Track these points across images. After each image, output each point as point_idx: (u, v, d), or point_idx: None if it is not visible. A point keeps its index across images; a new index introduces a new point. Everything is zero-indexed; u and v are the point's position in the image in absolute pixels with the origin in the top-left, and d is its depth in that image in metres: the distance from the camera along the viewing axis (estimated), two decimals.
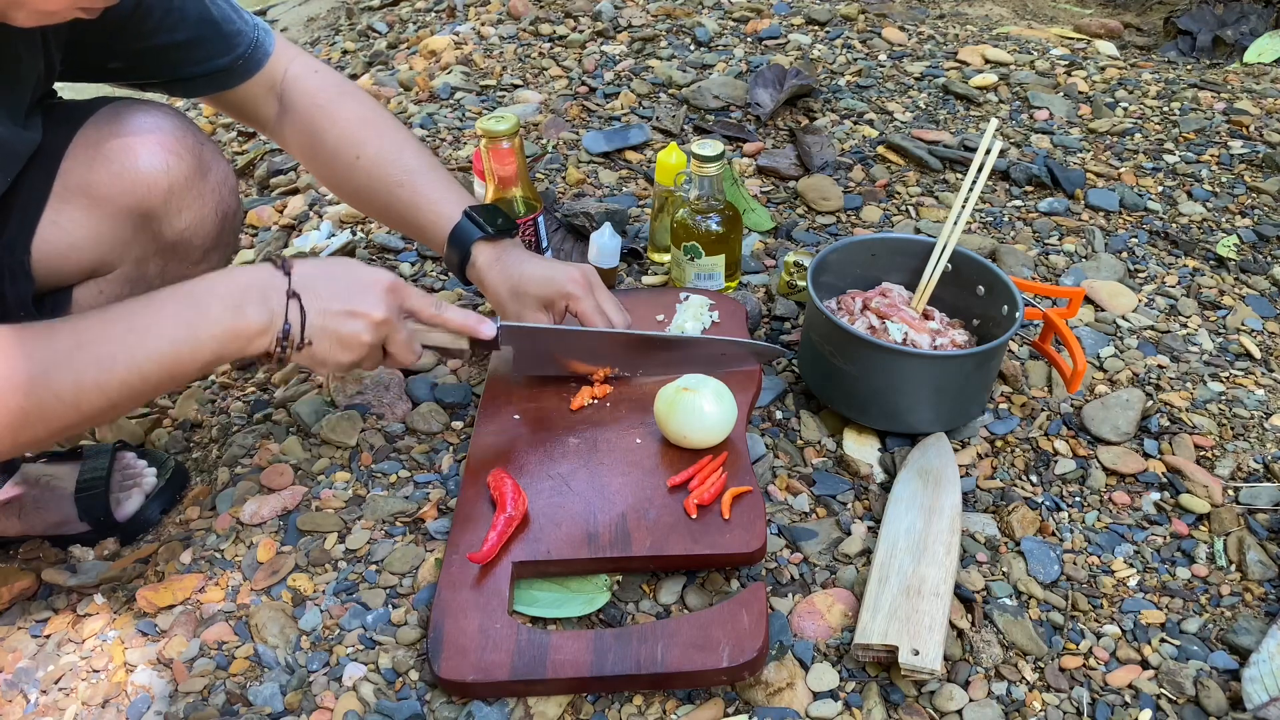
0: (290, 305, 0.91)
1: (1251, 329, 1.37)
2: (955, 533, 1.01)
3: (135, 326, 0.85)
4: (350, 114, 1.13)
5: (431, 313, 1.02)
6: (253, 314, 0.89)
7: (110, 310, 0.88)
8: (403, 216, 1.14)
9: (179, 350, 0.86)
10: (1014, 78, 2.00)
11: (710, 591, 0.98)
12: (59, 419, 0.82)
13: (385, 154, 1.12)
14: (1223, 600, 0.99)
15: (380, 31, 2.54)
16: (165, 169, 0.96)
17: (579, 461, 1.06)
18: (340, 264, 0.98)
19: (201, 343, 0.87)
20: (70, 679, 0.95)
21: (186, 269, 1.04)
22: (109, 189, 0.95)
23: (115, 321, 0.85)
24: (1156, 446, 1.16)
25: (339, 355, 0.95)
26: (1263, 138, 1.80)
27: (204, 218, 1.00)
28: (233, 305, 0.88)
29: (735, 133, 1.82)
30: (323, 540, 1.05)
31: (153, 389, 0.87)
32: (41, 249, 0.94)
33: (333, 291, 0.94)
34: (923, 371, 1.10)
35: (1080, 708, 0.89)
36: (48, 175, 0.95)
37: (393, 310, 0.96)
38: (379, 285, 0.96)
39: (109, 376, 0.83)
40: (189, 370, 0.88)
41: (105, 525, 1.12)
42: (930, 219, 1.58)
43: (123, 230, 0.97)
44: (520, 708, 0.87)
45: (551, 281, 1.12)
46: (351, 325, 0.94)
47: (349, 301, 0.94)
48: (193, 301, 0.88)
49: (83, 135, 0.96)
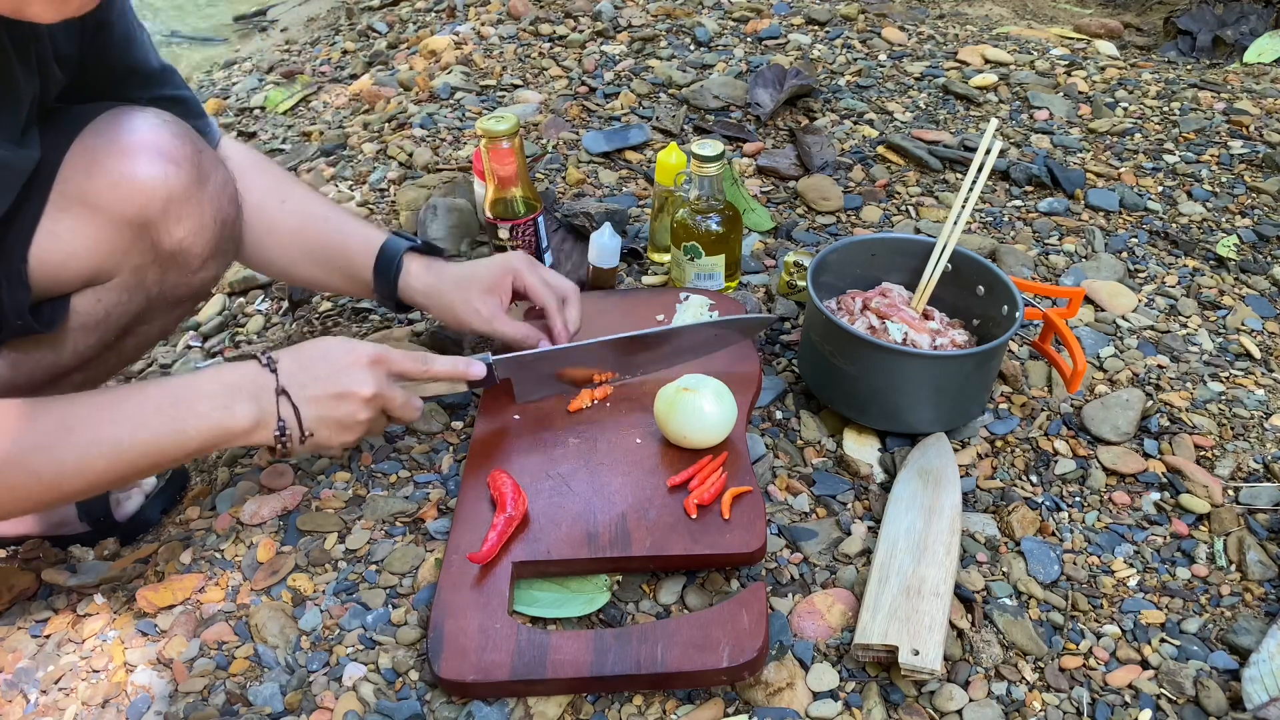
0: (280, 402, 0.94)
1: (1251, 329, 1.37)
2: (955, 533, 1.01)
3: (122, 416, 0.88)
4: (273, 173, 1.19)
5: (420, 369, 1.04)
6: (241, 413, 0.92)
7: (100, 395, 0.91)
8: (328, 249, 1.16)
9: (162, 443, 0.89)
10: (1014, 78, 2.00)
11: (710, 591, 0.98)
12: (36, 497, 0.86)
13: (308, 198, 1.18)
14: (1223, 600, 0.99)
15: (380, 31, 2.54)
16: (163, 177, 0.96)
17: (579, 461, 1.06)
18: (320, 347, 0.99)
19: (188, 437, 0.90)
20: (70, 679, 0.95)
21: (186, 277, 1.03)
22: (107, 197, 0.94)
23: (103, 408, 0.88)
24: (1156, 446, 1.16)
25: (341, 437, 0.99)
26: (1263, 138, 1.80)
27: (203, 226, 1.00)
28: (221, 405, 0.91)
29: (735, 133, 1.82)
30: (323, 540, 1.05)
31: (137, 474, 0.90)
32: (39, 257, 0.93)
33: (318, 380, 0.96)
34: (923, 371, 1.11)
35: (1080, 708, 0.89)
36: (45, 183, 0.94)
37: (381, 382, 0.99)
38: (361, 362, 0.98)
39: (91, 462, 0.86)
40: (174, 459, 0.91)
41: (105, 525, 1.12)
42: (930, 219, 1.58)
43: (120, 239, 0.96)
44: (520, 708, 0.87)
45: (494, 264, 1.16)
46: (344, 408, 0.97)
47: (336, 385, 0.96)
48: (181, 397, 0.90)
49: (80, 143, 0.95)
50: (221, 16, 3.55)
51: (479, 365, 1.07)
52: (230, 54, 3.05)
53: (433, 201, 1.56)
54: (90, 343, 1.00)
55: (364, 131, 1.93)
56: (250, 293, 1.62)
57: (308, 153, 1.91)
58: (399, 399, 1.01)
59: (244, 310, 1.59)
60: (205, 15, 3.61)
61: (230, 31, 3.42)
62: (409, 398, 1.03)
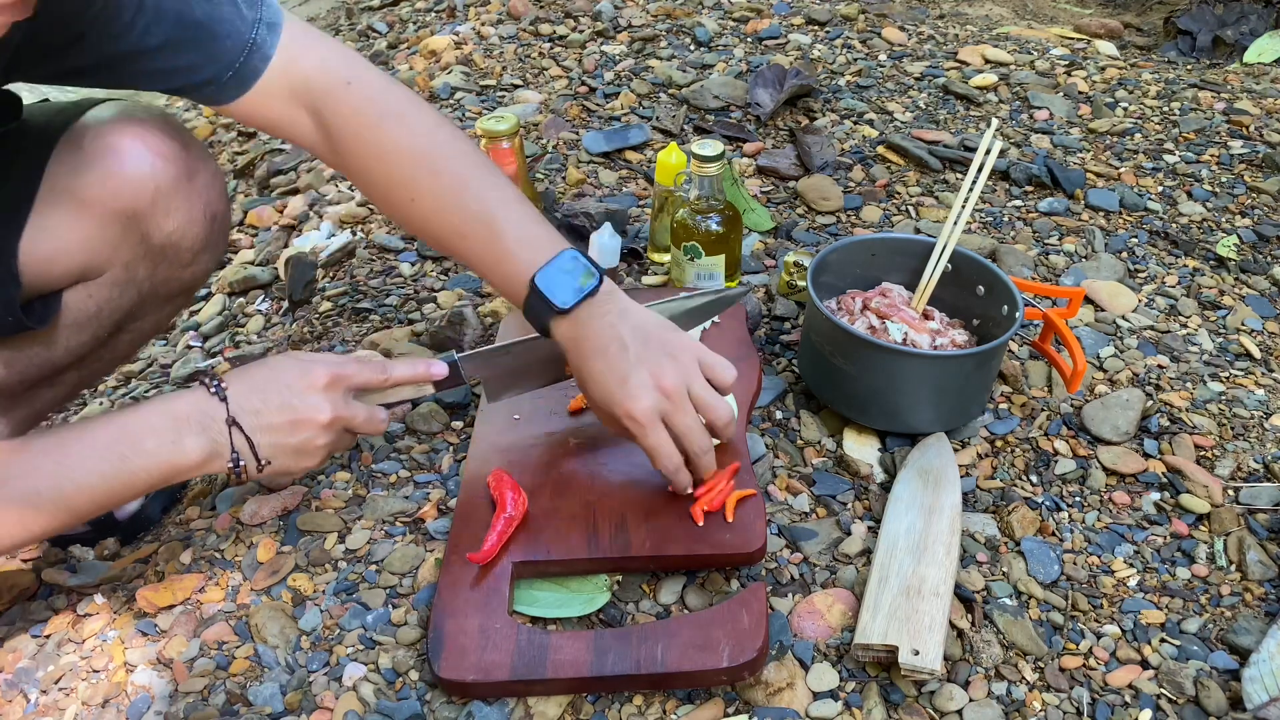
0: (233, 434, 0.88)
1: (1251, 329, 1.37)
2: (955, 533, 1.01)
3: (64, 460, 0.84)
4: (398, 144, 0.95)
5: (380, 379, 0.98)
6: (191, 446, 0.87)
7: (42, 440, 0.87)
8: (475, 270, 1.01)
9: (109, 484, 0.85)
10: (1014, 78, 2.00)
11: (710, 591, 0.98)
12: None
13: (443, 197, 0.96)
14: (1223, 600, 0.99)
15: (380, 31, 2.54)
16: (151, 171, 0.96)
17: (579, 462, 1.06)
18: (271, 370, 0.92)
19: (135, 475, 0.85)
20: (70, 679, 0.95)
21: (177, 272, 1.03)
22: (96, 191, 0.94)
23: (44, 454, 0.85)
24: (1156, 446, 1.16)
25: (301, 463, 0.94)
26: (1263, 138, 1.80)
27: (192, 219, 1.00)
28: (170, 440, 0.86)
29: (735, 133, 1.82)
30: (323, 540, 1.05)
31: (80, 519, 0.87)
32: (29, 252, 0.93)
33: (271, 407, 0.90)
34: (923, 371, 1.11)
35: (1080, 708, 0.89)
36: (33, 178, 0.94)
37: (337, 405, 0.93)
38: (316, 385, 0.91)
39: (33, 513, 0.83)
40: (121, 499, 0.88)
41: (105, 524, 1.12)
42: (930, 219, 1.58)
43: (110, 233, 0.96)
44: (520, 708, 0.87)
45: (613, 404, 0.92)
46: (301, 435, 0.91)
47: (290, 413, 0.90)
48: (126, 435, 0.86)
49: (68, 138, 0.95)
50: None
51: (440, 365, 1.01)
52: None
53: None
54: (83, 339, 1.00)
55: None
56: (250, 293, 1.62)
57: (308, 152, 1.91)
58: (360, 416, 0.95)
59: (244, 310, 1.59)
60: None
61: None
62: (371, 413, 0.97)
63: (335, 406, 0.93)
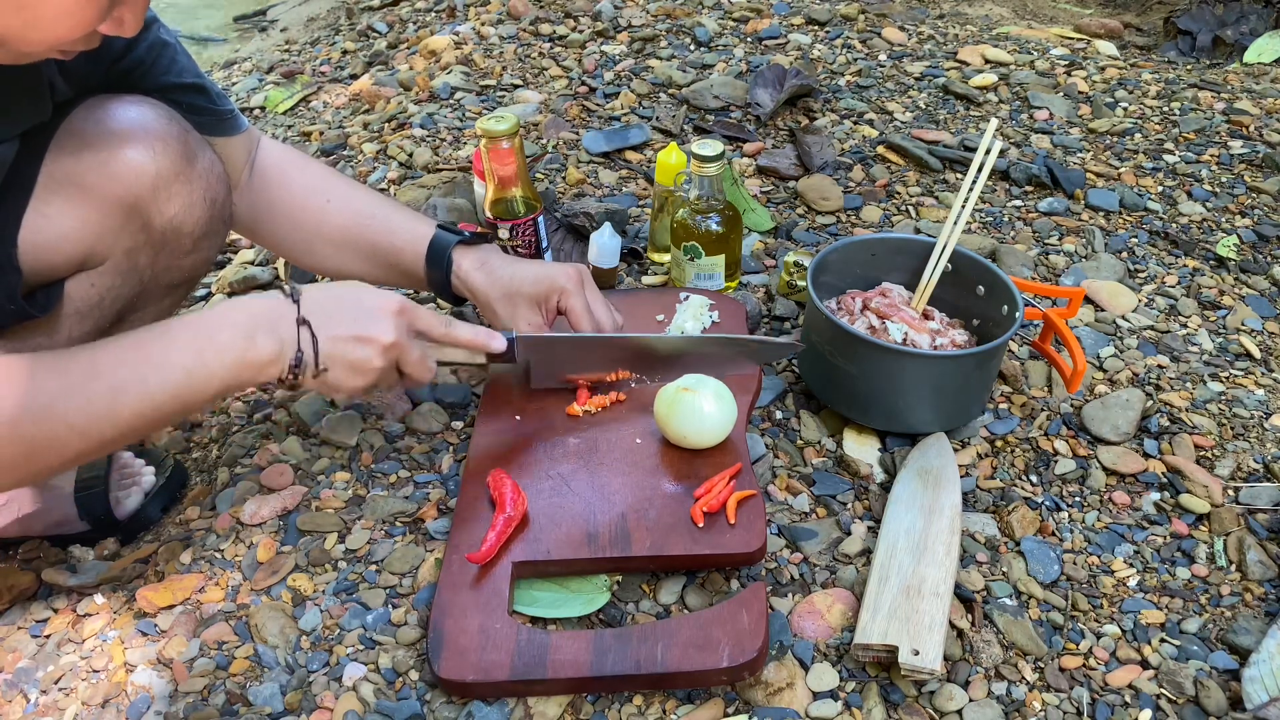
0: (301, 333, 0.92)
1: (1251, 329, 1.37)
2: (955, 533, 1.01)
3: (147, 356, 0.87)
4: (314, 169, 1.19)
5: (442, 331, 1.03)
6: (263, 343, 0.91)
7: (124, 339, 0.89)
8: (377, 247, 1.16)
9: (191, 379, 0.88)
10: (1014, 78, 2.00)
11: (710, 591, 0.98)
12: (70, 448, 0.84)
13: (352, 196, 1.17)
14: (1223, 600, 0.99)
15: (380, 31, 2.54)
16: (151, 156, 0.96)
17: (579, 462, 1.06)
18: (348, 289, 0.99)
19: (213, 371, 0.88)
20: (70, 679, 0.95)
21: (178, 259, 1.03)
22: (95, 178, 0.95)
23: (128, 349, 0.87)
24: (1156, 446, 1.16)
25: (352, 380, 0.97)
26: (1263, 138, 1.80)
27: (192, 204, 1.00)
28: (243, 335, 0.90)
29: (735, 133, 1.82)
30: (323, 540, 1.05)
31: (164, 418, 0.89)
32: (29, 239, 0.93)
33: (341, 318, 0.95)
34: (923, 371, 1.11)
35: (1080, 708, 0.89)
36: (33, 167, 0.94)
37: (402, 333, 0.98)
38: (387, 309, 0.97)
39: (121, 406, 0.85)
40: (200, 399, 0.90)
41: (105, 523, 1.12)
42: (930, 219, 1.58)
43: (111, 220, 0.96)
44: (520, 708, 0.87)
45: (544, 278, 1.14)
46: (362, 350, 0.95)
47: (358, 327, 0.95)
48: (204, 330, 0.89)
49: (67, 126, 0.96)
50: (223, 17, 3.56)
51: (500, 339, 1.06)
52: (230, 54, 3.05)
53: (433, 201, 1.56)
54: (85, 329, 1.00)
55: (364, 131, 1.93)
56: (250, 293, 1.62)
57: (308, 153, 1.91)
58: (415, 354, 1.00)
59: None
60: (205, 16, 3.61)
61: (230, 32, 3.42)
62: (425, 355, 1.02)
63: (399, 333, 0.97)
